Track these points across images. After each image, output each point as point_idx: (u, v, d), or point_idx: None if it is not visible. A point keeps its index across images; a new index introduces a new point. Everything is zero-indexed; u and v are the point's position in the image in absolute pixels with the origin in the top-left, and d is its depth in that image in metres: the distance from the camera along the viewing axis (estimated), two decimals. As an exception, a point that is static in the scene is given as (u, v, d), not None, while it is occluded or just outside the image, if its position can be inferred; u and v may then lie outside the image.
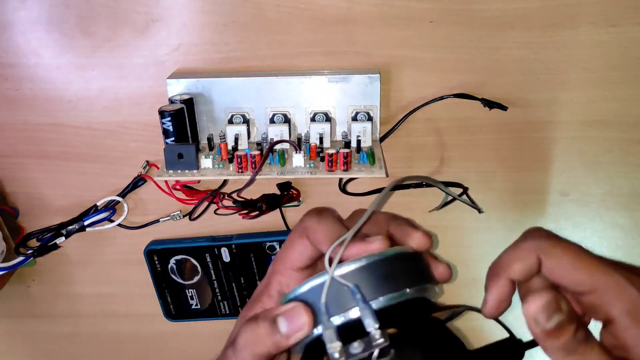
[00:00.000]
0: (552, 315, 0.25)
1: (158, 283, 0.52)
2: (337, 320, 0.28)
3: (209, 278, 0.52)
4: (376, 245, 0.30)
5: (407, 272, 0.29)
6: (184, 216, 0.50)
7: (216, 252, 0.50)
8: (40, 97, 0.47)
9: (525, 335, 0.28)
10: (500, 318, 0.31)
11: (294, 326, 0.29)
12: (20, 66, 0.46)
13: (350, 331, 0.27)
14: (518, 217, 0.50)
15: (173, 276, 0.52)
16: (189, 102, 0.44)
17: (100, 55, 0.45)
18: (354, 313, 0.27)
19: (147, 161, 0.49)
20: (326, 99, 0.44)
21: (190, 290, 0.53)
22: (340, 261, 0.29)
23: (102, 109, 0.47)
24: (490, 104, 0.44)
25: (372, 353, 0.26)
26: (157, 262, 0.51)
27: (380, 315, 0.27)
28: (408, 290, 0.28)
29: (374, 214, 0.34)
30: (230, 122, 0.45)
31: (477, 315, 0.31)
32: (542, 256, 0.28)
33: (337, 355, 0.26)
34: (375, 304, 0.28)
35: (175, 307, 0.54)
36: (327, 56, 0.44)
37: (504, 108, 0.44)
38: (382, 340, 0.26)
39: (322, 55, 0.44)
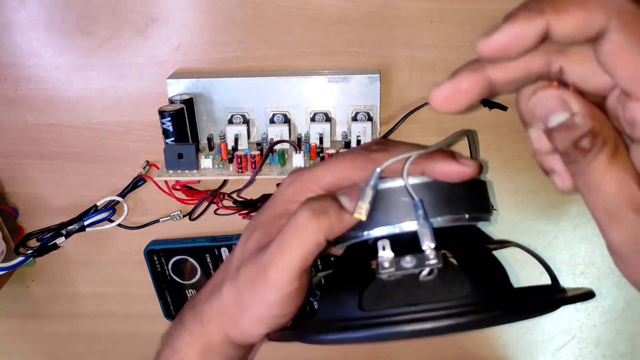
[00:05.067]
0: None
1: (158, 283, 0.52)
2: (391, 229, 0.27)
3: (209, 278, 0.52)
4: (470, 170, 0.28)
5: (470, 198, 0.29)
6: (184, 216, 0.50)
7: (216, 252, 0.50)
8: (39, 97, 0.47)
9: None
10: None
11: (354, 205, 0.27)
12: (20, 66, 0.46)
13: (399, 244, 0.26)
14: (519, 217, 0.50)
15: (173, 276, 0.52)
16: (189, 102, 0.44)
17: (100, 55, 0.45)
18: (409, 226, 0.27)
19: (147, 161, 0.49)
20: (326, 99, 0.44)
21: (190, 290, 0.53)
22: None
23: (102, 109, 0.47)
24: (490, 104, 0.44)
25: (421, 271, 0.26)
26: (157, 262, 0.51)
27: (435, 235, 0.26)
28: (467, 216, 0.28)
29: (401, 144, 0.31)
30: (230, 122, 0.44)
31: (519, 252, 0.30)
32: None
33: (387, 264, 0.26)
34: (433, 224, 0.27)
35: (175, 307, 0.54)
36: (327, 56, 0.44)
37: (504, 108, 0.44)
38: (435, 261, 0.25)
39: (322, 55, 0.44)
